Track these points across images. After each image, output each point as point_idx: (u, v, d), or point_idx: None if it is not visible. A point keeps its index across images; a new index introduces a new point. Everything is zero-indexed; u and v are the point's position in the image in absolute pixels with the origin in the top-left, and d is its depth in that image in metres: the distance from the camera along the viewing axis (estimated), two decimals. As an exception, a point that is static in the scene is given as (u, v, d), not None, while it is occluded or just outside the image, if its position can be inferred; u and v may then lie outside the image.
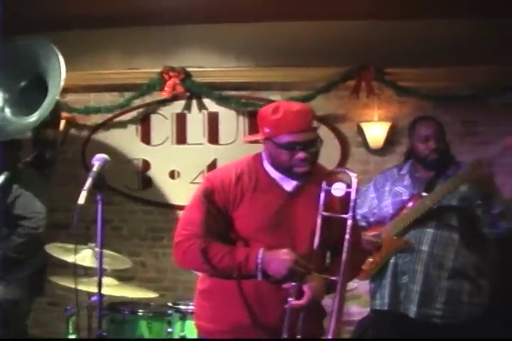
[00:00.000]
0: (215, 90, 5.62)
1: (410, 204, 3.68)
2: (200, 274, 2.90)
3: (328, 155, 5.39)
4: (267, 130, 2.66)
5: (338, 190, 2.68)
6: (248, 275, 2.62)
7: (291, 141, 2.61)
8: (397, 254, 3.68)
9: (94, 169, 2.68)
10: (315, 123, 2.73)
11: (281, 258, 2.58)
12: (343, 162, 5.55)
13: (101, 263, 2.70)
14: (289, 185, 2.75)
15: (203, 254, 2.63)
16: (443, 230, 3.60)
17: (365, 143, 5.52)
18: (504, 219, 3.51)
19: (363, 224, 3.90)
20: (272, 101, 5.40)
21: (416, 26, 5.40)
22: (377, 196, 3.88)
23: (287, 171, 2.70)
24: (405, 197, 3.73)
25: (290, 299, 2.58)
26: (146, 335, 4.23)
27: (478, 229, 3.59)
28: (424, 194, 3.64)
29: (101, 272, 2.69)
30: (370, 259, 3.75)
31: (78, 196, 2.62)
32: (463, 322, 3.59)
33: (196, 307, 2.91)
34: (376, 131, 5.43)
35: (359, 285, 4.42)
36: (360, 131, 5.52)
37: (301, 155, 2.62)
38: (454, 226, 3.60)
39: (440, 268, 3.59)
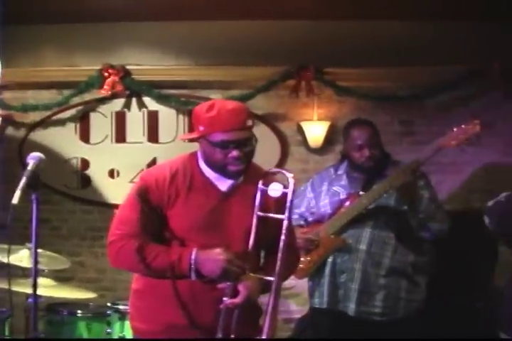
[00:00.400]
0: (155, 88, 5.58)
1: (348, 203, 3.71)
2: (135, 274, 2.88)
3: (268, 154, 5.43)
4: (201, 128, 2.64)
5: (274, 190, 2.67)
6: (182, 275, 2.61)
7: (225, 139, 2.59)
8: (336, 253, 3.71)
9: (29, 168, 2.62)
10: (250, 122, 2.70)
11: (215, 258, 2.56)
12: (282, 161, 5.58)
13: (36, 263, 2.63)
14: (224, 184, 2.73)
15: (137, 254, 2.60)
16: (380, 229, 3.65)
17: (304, 142, 5.56)
18: (434, 221, 3.58)
19: (301, 223, 3.93)
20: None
21: (356, 27, 5.47)
22: (315, 196, 3.91)
23: (221, 170, 2.68)
24: (343, 196, 3.76)
25: (225, 298, 2.57)
26: (85, 336, 4.19)
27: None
28: (362, 193, 3.68)
29: (36, 272, 2.62)
30: (308, 258, 3.78)
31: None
32: (401, 318, 3.64)
33: (130, 308, 2.88)
34: (316, 130, 5.47)
35: (298, 284, 4.45)
36: (300, 130, 5.56)
37: (234, 153, 2.61)
38: (391, 225, 3.65)
39: (378, 266, 3.63)
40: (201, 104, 2.72)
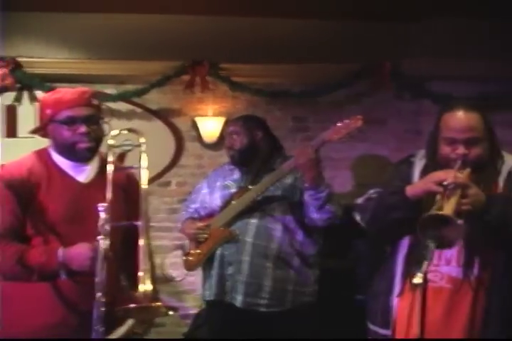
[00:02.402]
0: (47, 82, 5.45)
1: (237, 196, 3.77)
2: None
3: (163, 149, 5.43)
4: (48, 111, 2.74)
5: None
6: (51, 275, 2.59)
7: (71, 115, 2.70)
8: (224, 245, 3.75)
9: None
10: (95, 101, 2.86)
11: (80, 251, 2.56)
12: (177, 156, 5.57)
13: None
14: (81, 174, 2.77)
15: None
16: (267, 221, 3.70)
17: (199, 137, 5.56)
18: (331, 202, 3.64)
19: (195, 216, 4.01)
20: (106, 95, 5.41)
21: (251, 23, 5.49)
22: (209, 191, 3.97)
23: (71, 150, 2.73)
24: (233, 190, 3.83)
25: (99, 294, 2.53)
26: None
27: (304, 218, 3.70)
28: (251, 187, 3.74)
29: None
30: (198, 250, 3.84)
31: None
32: (288, 310, 3.69)
33: None
34: (210, 126, 5.48)
35: (195, 280, 4.47)
36: (195, 126, 5.56)
37: (82, 129, 2.69)
38: (278, 217, 3.71)
39: (265, 258, 3.68)
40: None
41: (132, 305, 2.44)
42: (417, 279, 2.18)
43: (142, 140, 2.76)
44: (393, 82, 5.55)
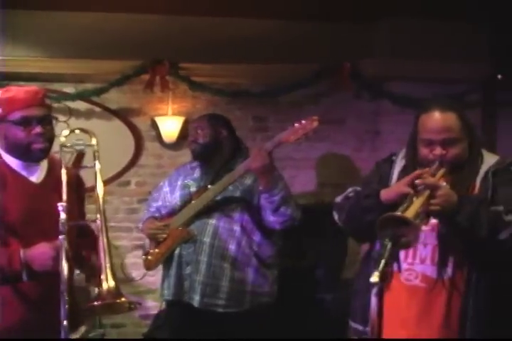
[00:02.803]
0: (5, 80, 5.36)
1: (197, 196, 3.76)
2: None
3: (122, 149, 5.39)
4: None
5: None
6: (12, 278, 2.57)
7: (25, 115, 2.67)
8: (182, 245, 3.74)
9: None
10: (48, 101, 2.89)
11: (42, 250, 2.55)
12: (136, 156, 5.53)
13: None
14: (34, 175, 2.75)
15: None
16: (225, 221, 3.69)
17: (159, 137, 5.53)
18: (287, 205, 3.63)
19: (156, 215, 3.98)
20: (65, 94, 5.36)
21: (212, 22, 5.49)
22: (170, 190, 3.95)
23: (26, 151, 2.70)
24: (193, 189, 3.82)
25: (63, 292, 2.51)
26: None
27: (261, 221, 3.70)
28: (210, 186, 3.74)
29: None
30: (157, 250, 3.83)
31: None
32: (246, 310, 3.68)
33: None
34: (170, 126, 5.45)
35: (156, 280, 4.44)
36: (154, 125, 5.52)
37: (37, 129, 2.67)
38: (236, 217, 3.70)
39: (223, 258, 3.67)
40: None
41: (97, 303, 2.49)
42: (374, 278, 2.18)
43: (94, 140, 2.76)
44: (352, 82, 5.59)
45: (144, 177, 5.52)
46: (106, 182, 3.90)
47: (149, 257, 3.89)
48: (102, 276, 2.48)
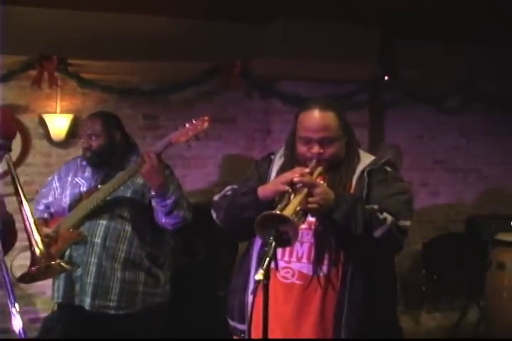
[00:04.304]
0: None
1: (87, 196, 3.68)
2: None
3: (9, 146, 5.22)
4: None
5: None
6: None
7: None
8: (73, 246, 3.67)
9: None
10: None
11: None
12: (24, 154, 5.36)
13: None
14: None
15: None
16: (116, 222, 3.64)
17: (47, 135, 5.39)
18: (179, 208, 3.61)
19: (45, 216, 3.88)
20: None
21: (103, 18, 5.41)
22: (60, 185, 3.86)
23: None
24: (83, 188, 3.74)
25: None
26: None
27: (153, 221, 3.66)
28: (100, 186, 3.67)
29: None
30: (47, 252, 3.73)
31: None
32: (139, 311, 3.65)
33: None
34: (58, 123, 5.33)
35: (44, 283, 4.35)
36: (42, 123, 5.37)
37: None
38: (127, 218, 3.66)
39: (113, 259, 3.62)
40: None
41: (34, 268, 2.65)
42: (258, 275, 2.19)
43: None
44: (243, 81, 5.63)
45: (32, 176, 5.36)
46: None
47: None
48: (32, 242, 2.58)
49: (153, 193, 3.56)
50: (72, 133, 5.35)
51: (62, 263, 2.60)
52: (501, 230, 5.52)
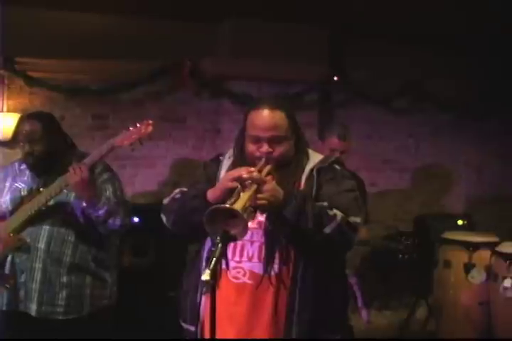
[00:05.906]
0: None
1: (28, 200, 3.58)
2: None
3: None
4: None
5: None
6: None
7: None
8: (15, 252, 3.56)
9: None
10: None
11: None
12: (-29, 154, 5.29)
13: None
14: None
15: None
16: (60, 226, 3.55)
17: (-6, 134, 5.32)
18: (114, 216, 3.53)
19: None
20: None
21: (51, 16, 5.36)
22: None
23: None
24: (24, 193, 3.63)
25: None
26: None
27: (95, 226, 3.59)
28: (42, 190, 3.57)
29: None
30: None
31: None
32: (87, 315, 3.59)
33: None
34: (5, 122, 5.24)
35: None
36: (-11, 122, 5.30)
37: None
38: (71, 222, 3.57)
39: (59, 264, 3.53)
40: None
41: None
42: (205, 276, 2.18)
43: None
44: (193, 80, 5.61)
45: (-23, 176, 5.29)
46: None
47: None
48: None
49: (84, 205, 3.51)
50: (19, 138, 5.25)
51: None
52: (448, 229, 5.59)
